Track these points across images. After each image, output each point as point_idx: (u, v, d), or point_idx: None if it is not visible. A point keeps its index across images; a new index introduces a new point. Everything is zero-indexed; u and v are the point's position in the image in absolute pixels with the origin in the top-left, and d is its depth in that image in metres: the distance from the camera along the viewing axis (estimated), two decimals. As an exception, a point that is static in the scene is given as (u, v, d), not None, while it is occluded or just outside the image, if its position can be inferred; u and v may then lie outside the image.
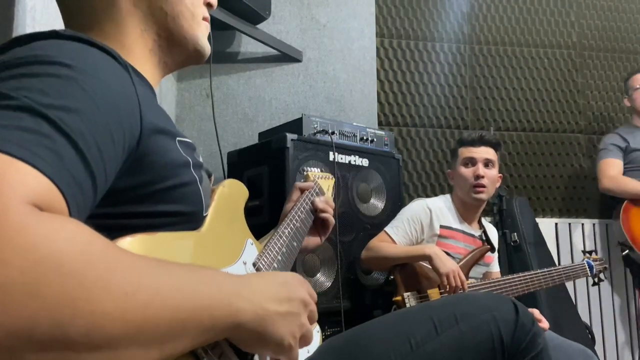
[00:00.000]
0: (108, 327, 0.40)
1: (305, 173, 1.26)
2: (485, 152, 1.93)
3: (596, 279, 2.05)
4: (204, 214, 0.69)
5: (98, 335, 0.39)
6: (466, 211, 1.96)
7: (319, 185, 1.20)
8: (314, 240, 1.15)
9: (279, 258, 0.83)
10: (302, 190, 1.15)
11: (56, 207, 0.43)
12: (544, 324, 1.70)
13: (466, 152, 1.96)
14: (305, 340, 0.63)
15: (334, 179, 1.34)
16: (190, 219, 0.66)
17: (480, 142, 1.95)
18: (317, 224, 1.15)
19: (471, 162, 1.93)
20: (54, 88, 0.48)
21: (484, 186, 1.89)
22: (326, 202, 1.16)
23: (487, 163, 1.93)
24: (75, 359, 0.39)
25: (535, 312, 1.71)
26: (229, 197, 0.77)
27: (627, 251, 2.60)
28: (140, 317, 0.42)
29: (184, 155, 0.66)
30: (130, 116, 0.56)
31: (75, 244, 0.40)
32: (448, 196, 2.03)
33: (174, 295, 0.46)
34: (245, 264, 0.73)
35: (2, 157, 0.40)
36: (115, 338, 0.40)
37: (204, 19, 0.81)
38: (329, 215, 1.15)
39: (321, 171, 1.32)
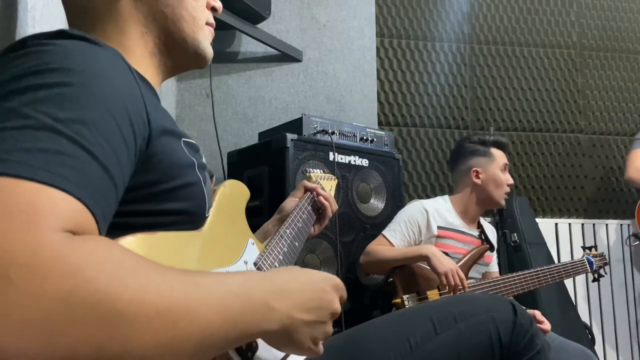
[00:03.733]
0: (141, 347, 0.41)
1: (308, 174, 1.27)
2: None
3: (596, 275, 2.05)
4: (206, 215, 0.69)
5: (131, 356, 0.41)
6: (469, 212, 1.96)
7: (322, 187, 1.21)
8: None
9: (281, 258, 0.84)
10: (306, 190, 1.15)
11: (86, 226, 0.44)
12: (546, 325, 1.70)
13: (503, 157, 1.99)
14: (324, 340, 0.64)
15: (336, 180, 1.35)
16: (193, 219, 0.66)
17: (506, 148, 2.02)
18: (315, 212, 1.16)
19: (506, 168, 1.98)
20: (68, 99, 0.49)
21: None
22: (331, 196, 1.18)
23: None
24: None
25: (537, 314, 1.71)
26: (230, 197, 0.77)
27: (637, 242, 2.72)
28: (171, 334, 0.43)
29: (189, 156, 0.67)
30: (140, 119, 0.57)
31: (108, 268, 0.41)
32: (446, 197, 2.02)
33: (203, 310, 0.46)
34: (246, 263, 0.73)
35: (30, 186, 0.41)
36: (146, 356, 0.42)
37: (208, 24, 0.80)
38: (327, 203, 1.16)
39: (323, 172, 1.32)
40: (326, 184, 1.25)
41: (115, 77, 0.55)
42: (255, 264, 0.75)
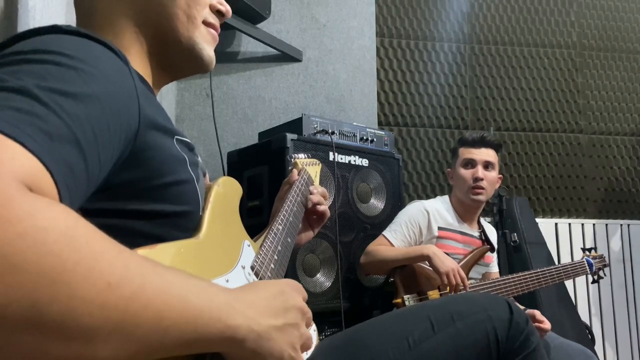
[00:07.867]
0: (86, 316, 0.38)
1: (293, 160, 1.23)
2: (485, 154, 1.92)
3: (596, 277, 2.05)
4: (200, 214, 0.68)
5: (74, 324, 0.38)
6: (465, 212, 1.96)
7: (307, 173, 1.17)
8: (306, 235, 1.11)
9: (275, 257, 0.82)
10: (291, 184, 1.10)
11: (45, 189, 0.42)
12: (546, 324, 1.70)
13: (466, 152, 1.94)
14: (306, 347, 0.60)
15: (320, 165, 1.31)
16: (187, 218, 0.65)
17: (481, 143, 1.93)
18: (310, 216, 1.11)
19: (471, 163, 1.92)
20: (51, 73, 0.49)
21: (482, 188, 1.89)
22: (321, 193, 1.12)
23: (487, 165, 1.91)
24: (48, 349, 0.37)
25: (537, 314, 1.71)
26: (224, 197, 0.76)
27: None
28: (121, 312, 0.40)
29: (181, 152, 0.66)
30: (129, 108, 0.57)
31: (60, 225, 0.39)
32: (446, 197, 2.02)
33: (160, 299, 0.43)
34: (243, 268, 0.71)
35: None
36: (92, 330, 0.39)
37: (208, 24, 0.77)
38: (326, 208, 1.11)
39: (307, 157, 1.28)
40: (311, 170, 1.21)
41: (105, 66, 0.55)
42: (252, 267, 0.73)
